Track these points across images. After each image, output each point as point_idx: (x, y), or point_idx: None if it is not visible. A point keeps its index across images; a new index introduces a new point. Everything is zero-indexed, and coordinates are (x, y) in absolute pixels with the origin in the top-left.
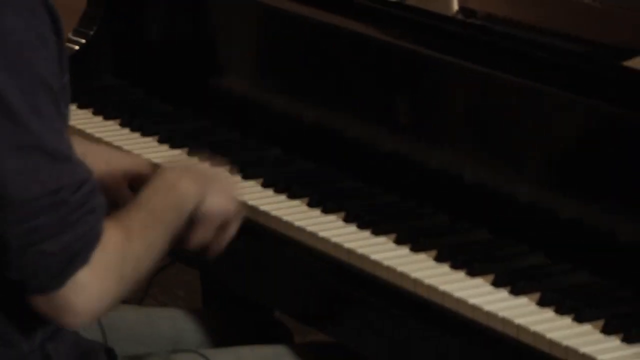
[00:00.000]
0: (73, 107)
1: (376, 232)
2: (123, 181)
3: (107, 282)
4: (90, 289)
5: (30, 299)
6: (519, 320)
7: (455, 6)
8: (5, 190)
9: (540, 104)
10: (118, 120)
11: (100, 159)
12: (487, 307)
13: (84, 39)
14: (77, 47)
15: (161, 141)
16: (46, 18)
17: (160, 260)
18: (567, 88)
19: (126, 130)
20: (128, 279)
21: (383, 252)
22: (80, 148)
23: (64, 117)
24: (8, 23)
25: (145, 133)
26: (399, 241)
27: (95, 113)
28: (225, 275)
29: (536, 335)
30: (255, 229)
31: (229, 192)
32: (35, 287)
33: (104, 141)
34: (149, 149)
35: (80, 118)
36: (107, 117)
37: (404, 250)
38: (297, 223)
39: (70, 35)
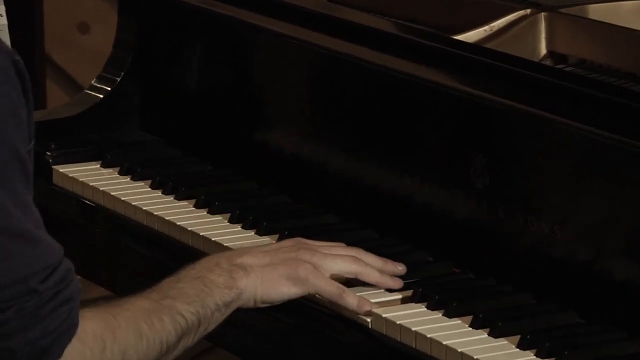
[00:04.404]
0: (96, 166)
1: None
2: None
3: None
4: None
5: None
6: None
7: (544, 50)
8: None
9: None
10: (148, 182)
11: None
12: None
13: (109, 86)
14: (101, 96)
15: (198, 206)
16: (17, 83)
17: (199, 345)
18: None
19: (158, 193)
20: None
21: (433, 323)
22: None
23: (31, 183)
24: None
25: (179, 196)
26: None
27: (122, 173)
28: None
29: None
30: (295, 307)
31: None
32: None
33: (132, 205)
34: (184, 216)
35: (104, 179)
36: (135, 178)
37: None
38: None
39: (94, 82)
